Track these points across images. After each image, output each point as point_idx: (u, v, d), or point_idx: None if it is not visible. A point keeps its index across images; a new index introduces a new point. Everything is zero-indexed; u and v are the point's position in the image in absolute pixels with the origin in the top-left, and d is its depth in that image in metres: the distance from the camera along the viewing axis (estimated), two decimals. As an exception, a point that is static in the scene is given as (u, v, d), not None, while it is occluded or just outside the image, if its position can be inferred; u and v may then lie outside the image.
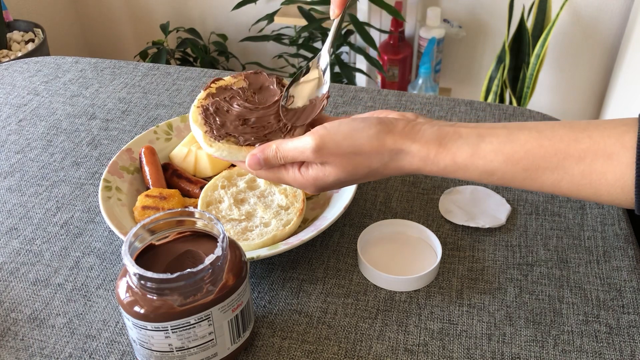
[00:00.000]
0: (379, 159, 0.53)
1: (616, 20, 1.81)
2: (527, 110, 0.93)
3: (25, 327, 0.62)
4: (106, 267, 0.68)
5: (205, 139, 0.59)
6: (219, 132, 0.59)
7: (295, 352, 0.59)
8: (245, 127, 0.59)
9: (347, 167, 0.54)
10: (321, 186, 0.56)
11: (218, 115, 0.60)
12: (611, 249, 0.69)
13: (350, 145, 0.53)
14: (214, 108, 0.61)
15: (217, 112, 0.61)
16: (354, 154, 0.53)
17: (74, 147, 0.87)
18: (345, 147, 0.53)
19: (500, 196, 0.76)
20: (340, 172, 0.54)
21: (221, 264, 0.52)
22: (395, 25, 1.92)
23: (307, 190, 0.58)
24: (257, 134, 0.59)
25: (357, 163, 0.54)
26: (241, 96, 0.62)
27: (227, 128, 0.59)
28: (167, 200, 0.70)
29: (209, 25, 2.26)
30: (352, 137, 0.53)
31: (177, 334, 0.51)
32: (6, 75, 1.05)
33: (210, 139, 0.58)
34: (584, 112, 2.01)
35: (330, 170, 0.54)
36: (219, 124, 0.59)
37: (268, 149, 0.56)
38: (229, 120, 0.60)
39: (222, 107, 0.61)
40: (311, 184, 0.56)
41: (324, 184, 0.56)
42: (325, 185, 0.56)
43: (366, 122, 0.54)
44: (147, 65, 1.06)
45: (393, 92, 0.98)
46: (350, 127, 0.54)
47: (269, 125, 0.60)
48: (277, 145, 0.56)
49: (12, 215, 0.75)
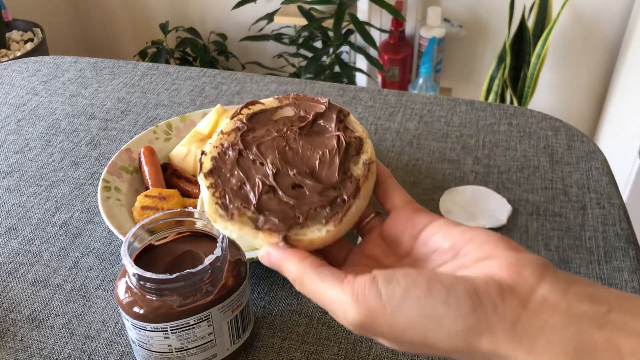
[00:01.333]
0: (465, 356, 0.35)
1: (617, 20, 1.81)
2: (528, 110, 0.92)
3: (24, 328, 0.62)
4: (105, 268, 0.68)
5: (211, 207, 0.41)
6: (232, 200, 0.41)
7: (295, 352, 0.59)
8: (272, 200, 0.41)
9: (408, 349, 0.36)
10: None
11: (239, 168, 0.42)
12: (612, 250, 0.69)
13: (418, 337, 0.34)
14: (234, 155, 0.43)
15: (239, 164, 0.43)
16: (422, 345, 0.35)
17: (73, 147, 0.87)
18: (409, 337, 0.34)
19: (501, 196, 0.76)
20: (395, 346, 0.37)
21: (221, 265, 0.51)
22: (395, 25, 1.92)
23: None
24: (285, 214, 0.40)
25: (424, 350, 0.35)
26: (281, 137, 0.44)
27: (244, 194, 0.41)
28: (167, 200, 0.70)
29: (209, 25, 2.26)
30: (423, 327, 0.34)
31: (176, 335, 0.51)
32: (5, 75, 1.05)
33: (217, 210, 0.41)
34: (585, 111, 2.00)
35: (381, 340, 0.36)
36: (235, 187, 0.41)
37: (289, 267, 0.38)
38: (252, 180, 0.42)
39: (248, 156, 0.43)
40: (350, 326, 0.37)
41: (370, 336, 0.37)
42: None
43: (451, 302, 0.33)
44: (146, 65, 1.06)
45: (393, 92, 0.97)
46: (420, 311, 0.34)
47: (310, 201, 0.41)
48: (304, 277, 0.38)
49: (10, 216, 0.75)
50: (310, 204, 0.40)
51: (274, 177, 0.42)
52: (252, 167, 0.42)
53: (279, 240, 0.39)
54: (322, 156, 0.43)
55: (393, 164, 0.83)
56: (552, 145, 0.85)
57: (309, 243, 0.39)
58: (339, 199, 0.41)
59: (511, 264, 0.35)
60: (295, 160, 0.43)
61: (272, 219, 0.39)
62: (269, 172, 0.42)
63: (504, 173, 0.80)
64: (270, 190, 0.41)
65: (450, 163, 0.82)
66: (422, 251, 0.40)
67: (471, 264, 0.36)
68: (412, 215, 0.41)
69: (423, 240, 0.40)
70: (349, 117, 0.46)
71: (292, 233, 0.39)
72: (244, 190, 0.41)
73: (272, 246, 0.39)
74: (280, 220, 0.39)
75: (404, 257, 0.41)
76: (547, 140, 0.86)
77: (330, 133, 0.44)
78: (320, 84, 0.99)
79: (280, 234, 0.39)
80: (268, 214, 0.40)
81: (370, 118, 0.91)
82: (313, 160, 0.43)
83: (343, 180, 0.42)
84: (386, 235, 0.42)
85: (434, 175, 0.80)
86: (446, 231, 0.39)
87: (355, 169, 0.43)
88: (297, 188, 0.41)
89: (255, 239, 0.39)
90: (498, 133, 0.88)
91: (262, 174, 0.42)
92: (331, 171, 0.42)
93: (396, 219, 0.42)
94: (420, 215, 0.41)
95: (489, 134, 0.87)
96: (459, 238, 0.38)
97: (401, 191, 0.43)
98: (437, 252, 0.39)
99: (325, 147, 0.44)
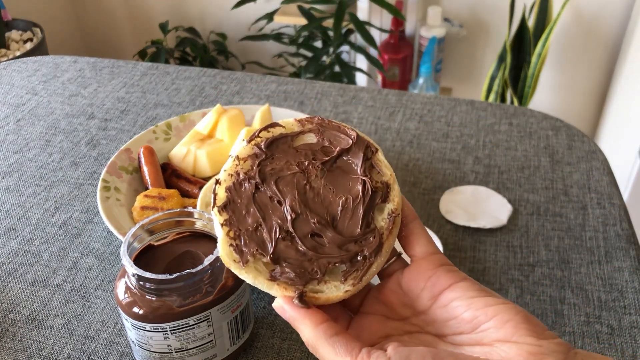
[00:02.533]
0: None
1: (618, 20, 1.81)
2: (529, 110, 0.92)
3: (24, 328, 0.61)
4: (105, 268, 0.68)
5: (225, 249, 0.39)
6: (247, 243, 0.39)
7: (295, 353, 0.59)
8: (289, 249, 0.39)
9: None
10: None
11: (255, 205, 0.40)
12: (613, 250, 0.69)
13: None
14: (251, 189, 0.40)
15: (255, 200, 0.40)
16: None
17: (72, 147, 0.86)
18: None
19: (502, 196, 0.76)
20: None
21: (220, 265, 0.51)
22: (395, 25, 1.91)
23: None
24: (302, 267, 0.38)
25: None
26: (301, 172, 0.41)
27: (260, 237, 0.39)
28: (166, 200, 0.70)
29: (208, 25, 2.26)
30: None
31: (176, 335, 0.51)
32: (4, 74, 1.04)
33: (231, 254, 0.39)
34: (586, 111, 2.00)
35: None
36: (251, 227, 0.39)
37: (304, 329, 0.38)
38: (269, 223, 0.39)
39: (265, 192, 0.40)
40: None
41: None
42: None
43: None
44: (146, 65, 1.06)
45: (393, 92, 0.97)
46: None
47: (329, 254, 0.39)
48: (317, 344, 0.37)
49: (10, 216, 0.75)
50: (330, 258, 0.38)
51: (292, 223, 0.39)
52: (270, 206, 0.40)
53: (294, 297, 0.37)
54: (344, 203, 0.40)
55: (393, 164, 0.82)
56: (553, 145, 0.85)
57: (325, 301, 0.38)
58: (360, 255, 0.39)
59: (531, 352, 0.34)
60: (315, 203, 0.40)
61: (288, 271, 0.38)
62: (287, 217, 0.39)
63: (504, 173, 0.80)
64: (288, 237, 0.39)
65: (450, 163, 0.82)
66: (441, 314, 0.39)
67: (490, 343, 0.36)
68: (433, 272, 0.40)
69: (442, 302, 0.39)
70: (377, 155, 0.42)
71: (308, 288, 0.38)
72: (259, 232, 0.39)
73: (287, 302, 0.38)
74: (296, 275, 0.38)
75: (421, 314, 0.40)
76: (548, 140, 0.86)
77: (356, 175, 0.41)
78: (320, 84, 0.99)
79: (297, 290, 0.37)
80: (285, 266, 0.38)
81: (370, 118, 0.91)
82: (335, 207, 0.40)
83: (365, 234, 0.39)
84: (405, 286, 0.41)
85: (434, 175, 0.80)
86: (468, 300, 0.38)
87: (379, 220, 0.41)
88: (316, 237, 0.39)
89: (270, 290, 0.38)
90: (498, 133, 0.87)
91: (280, 216, 0.39)
92: (354, 222, 0.40)
93: (417, 273, 0.41)
94: (442, 275, 0.40)
95: (490, 134, 0.87)
96: (481, 313, 0.37)
97: (426, 238, 0.42)
98: (455, 320, 0.38)
99: (349, 192, 0.41)
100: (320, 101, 0.95)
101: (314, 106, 0.93)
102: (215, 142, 0.78)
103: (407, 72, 1.99)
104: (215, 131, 0.80)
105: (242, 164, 0.41)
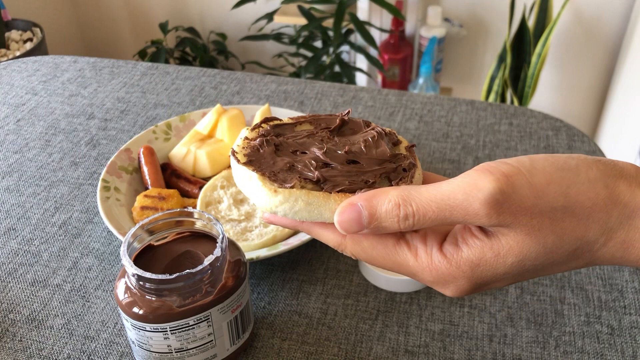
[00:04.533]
0: (602, 223, 0.32)
1: (618, 20, 1.81)
2: (529, 110, 0.92)
3: (24, 328, 0.61)
4: (105, 268, 0.68)
5: (265, 182, 0.37)
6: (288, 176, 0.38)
7: (295, 353, 0.59)
8: (331, 172, 0.38)
9: (547, 238, 0.31)
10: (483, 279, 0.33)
11: (281, 156, 0.40)
12: (613, 250, 0.69)
13: (560, 195, 0.31)
14: (270, 149, 0.40)
15: (279, 150, 0.40)
16: (564, 211, 0.31)
17: (72, 147, 0.86)
18: (551, 196, 0.31)
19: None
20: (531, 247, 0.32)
21: (220, 265, 0.51)
22: (395, 24, 1.91)
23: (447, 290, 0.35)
24: (352, 179, 0.38)
25: (565, 230, 0.31)
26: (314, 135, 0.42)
27: (297, 170, 0.38)
28: (166, 200, 0.70)
29: (208, 24, 2.26)
30: (562, 181, 0.31)
31: (176, 335, 0.51)
32: (4, 74, 1.04)
33: (272, 183, 0.37)
34: (586, 111, 2.00)
35: (513, 243, 0.32)
36: (285, 168, 0.38)
37: (381, 198, 0.34)
38: (302, 162, 0.39)
39: (287, 148, 0.41)
40: (463, 275, 0.33)
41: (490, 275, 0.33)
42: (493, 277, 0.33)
43: (576, 157, 0.33)
44: (146, 65, 1.06)
45: (393, 92, 0.97)
46: (555, 165, 0.32)
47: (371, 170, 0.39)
48: (402, 194, 0.34)
49: (10, 216, 0.75)
50: (374, 171, 0.38)
51: (325, 155, 0.39)
52: (295, 156, 0.40)
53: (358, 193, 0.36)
54: (366, 142, 0.41)
55: (393, 163, 0.82)
56: (553, 145, 0.85)
57: None
58: (399, 168, 0.40)
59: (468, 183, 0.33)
60: (338, 146, 0.40)
61: (340, 182, 0.37)
62: (318, 153, 0.39)
63: (504, 173, 0.80)
64: (325, 166, 0.38)
65: (450, 163, 0.82)
66: None
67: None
68: None
69: None
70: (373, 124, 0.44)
71: None
72: (295, 169, 0.38)
73: (350, 207, 0.35)
74: (350, 183, 0.37)
75: None
76: (548, 140, 0.86)
77: (364, 131, 0.43)
78: (320, 84, 0.99)
79: (358, 190, 0.36)
80: (333, 179, 0.37)
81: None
82: (358, 146, 0.41)
83: (396, 156, 0.41)
84: None
85: (434, 175, 0.80)
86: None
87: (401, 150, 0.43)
88: (353, 163, 0.39)
89: (327, 203, 0.36)
90: (498, 133, 0.87)
91: (310, 156, 0.39)
92: (381, 150, 0.41)
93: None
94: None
95: (490, 134, 0.87)
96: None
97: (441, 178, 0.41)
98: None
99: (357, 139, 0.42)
100: (320, 101, 0.95)
101: (314, 106, 0.93)
102: (215, 142, 0.78)
103: (407, 72, 1.99)
104: (215, 131, 0.80)
105: (252, 136, 0.42)
